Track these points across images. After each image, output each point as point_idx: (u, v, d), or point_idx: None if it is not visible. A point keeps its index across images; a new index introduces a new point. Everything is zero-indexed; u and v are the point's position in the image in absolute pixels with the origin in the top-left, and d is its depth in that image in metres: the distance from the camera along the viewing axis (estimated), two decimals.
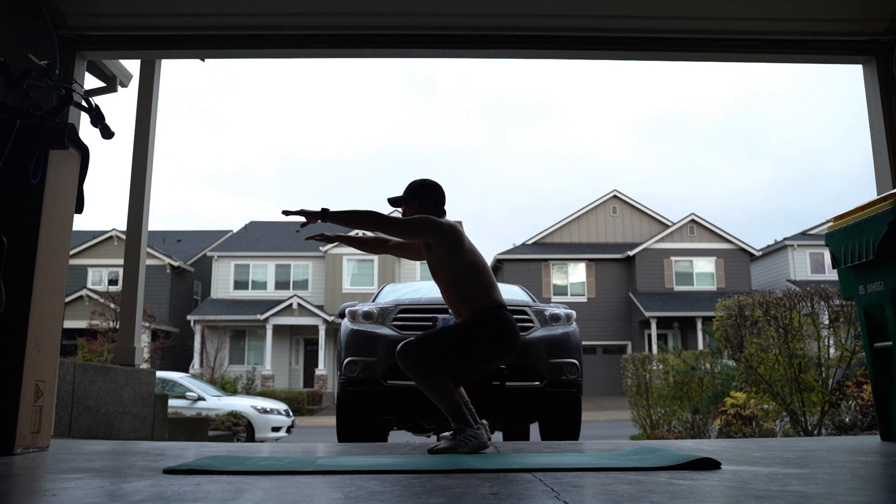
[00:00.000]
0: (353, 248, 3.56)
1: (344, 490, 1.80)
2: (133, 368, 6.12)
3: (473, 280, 3.08)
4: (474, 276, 3.08)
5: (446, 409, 2.96)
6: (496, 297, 3.09)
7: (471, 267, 3.10)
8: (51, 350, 3.14)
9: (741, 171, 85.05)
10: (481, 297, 3.06)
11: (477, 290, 3.07)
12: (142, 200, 6.06)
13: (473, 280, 3.08)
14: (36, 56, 3.38)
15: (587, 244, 30.06)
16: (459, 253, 3.09)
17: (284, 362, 27.95)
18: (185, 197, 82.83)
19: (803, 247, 28.55)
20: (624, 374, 12.03)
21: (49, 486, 1.92)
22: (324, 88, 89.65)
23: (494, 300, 3.08)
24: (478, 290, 3.07)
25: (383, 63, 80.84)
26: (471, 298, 3.06)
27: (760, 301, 7.64)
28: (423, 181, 3.33)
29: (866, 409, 7.33)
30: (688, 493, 1.70)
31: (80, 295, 25.80)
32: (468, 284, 3.07)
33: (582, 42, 4.71)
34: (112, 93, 6.23)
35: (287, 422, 12.98)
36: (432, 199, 3.28)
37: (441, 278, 3.15)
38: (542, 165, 79.85)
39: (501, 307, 3.08)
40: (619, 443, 3.71)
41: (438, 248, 3.10)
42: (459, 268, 3.08)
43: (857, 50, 4.65)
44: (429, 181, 3.33)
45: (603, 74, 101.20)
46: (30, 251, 2.97)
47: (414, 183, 3.33)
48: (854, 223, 3.61)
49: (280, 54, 4.86)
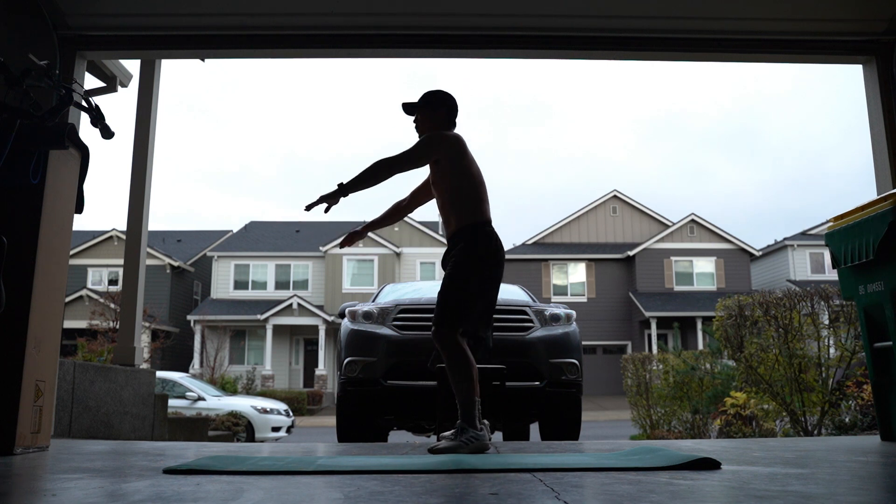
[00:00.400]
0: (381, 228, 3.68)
1: (344, 490, 1.80)
2: (133, 368, 6.12)
3: (469, 192, 3.18)
4: (471, 188, 3.19)
5: (462, 400, 2.97)
6: (485, 212, 3.20)
7: (469, 178, 3.20)
8: (51, 350, 3.14)
9: (741, 171, 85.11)
10: (473, 209, 3.16)
11: (470, 203, 3.17)
12: (142, 200, 6.06)
13: (469, 192, 3.18)
14: (36, 56, 3.38)
15: (587, 244, 30.06)
16: (461, 163, 3.19)
17: (284, 362, 27.95)
18: (186, 197, 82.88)
19: (803, 247, 28.54)
20: (624, 374, 12.03)
21: (49, 486, 1.92)
22: (324, 88, 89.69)
23: (483, 215, 3.18)
24: (471, 203, 3.17)
25: (383, 63, 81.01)
26: (463, 209, 3.16)
27: (760, 301, 7.64)
28: (437, 91, 3.40)
29: (866, 409, 7.33)
30: (688, 493, 1.70)
31: (80, 295, 25.80)
32: (464, 196, 3.17)
33: (582, 42, 4.71)
34: (112, 93, 6.23)
35: (287, 422, 12.98)
36: (445, 107, 3.36)
37: (440, 187, 3.23)
38: (541, 165, 79.89)
39: (487, 223, 3.19)
40: (619, 443, 3.71)
41: (446, 159, 3.19)
42: (459, 177, 3.18)
43: (857, 50, 4.65)
44: (441, 91, 3.40)
45: (603, 74, 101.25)
46: (30, 251, 2.97)
47: (429, 91, 3.40)
48: (854, 223, 3.60)
49: (280, 54, 4.86)
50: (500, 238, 3.21)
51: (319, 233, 30.18)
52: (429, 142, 3.21)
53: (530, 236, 30.43)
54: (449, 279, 3.11)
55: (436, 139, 3.21)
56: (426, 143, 3.21)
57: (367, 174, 3.10)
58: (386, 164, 3.11)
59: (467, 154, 3.22)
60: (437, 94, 3.38)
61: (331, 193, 3.09)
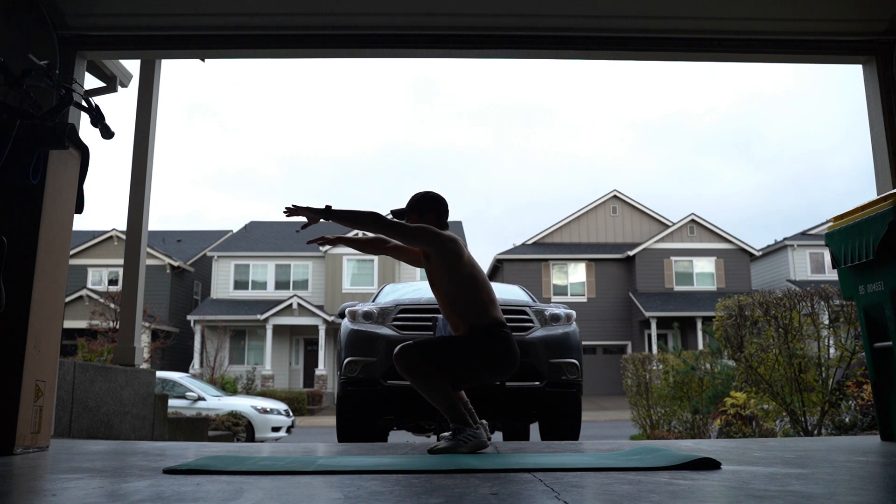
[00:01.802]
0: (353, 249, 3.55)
1: (344, 490, 1.80)
2: (133, 368, 6.12)
3: (471, 295, 3.06)
4: (473, 291, 3.06)
5: (444, 409, 2.96)
6: (495, 315, 3.06)
7: (469, 281, 3.08)
8: (51, 350, 3.14)
9: (741, 171, 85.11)
10: (479, 312, 3.04)
11: (475, 306, 3.05)
12: (142, 200, 6.06)
13: (471, 295, 3.06)
14: (36, 56, 3.38)
15: (587, 244, 30.06)
16: (458, 266, 3.08)
17: (284, 362, 27.95)
18: (186, 198, 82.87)
19: (803, 247, 28.54)
20: (624, 374, 12.02)
21: (49, 486, 1.92)
22: (325, 90, 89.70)
23: (493, 317, 3.05)
24: (476, 306, 3.05)
25: (384, 64, 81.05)
26: (468, 314, 3.04)
27: (760, 301, 7.63)
28: (426, 193, 3.32)
29: (866, 409, 7.32)
30: (688, 493, 1.70)
31: (80, 295, 25.79)
32: (466, 299, 3.06)
33: (582, 42, 4.71)
34: (112, 93, 6.23)
35: (287, 422, 12.98)
36: (434, 211, 3.27)
37: (439, 290, 3.13)
38: (542, 166, 79.92)
39: (500, 324, 3.05)
40: (619, 443, 3.71)
41: (437, 258, 3.09)
42: (457, 281, 3.07)
43: (857, 50, 4.65)
44: (431, 193, 3.32)
45: (603, 75, 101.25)
46: (30, 251, 2.97)
47: (417, 195, 3.33)
48: (854, 223, 3.60)
49: (280, 54, 4.86)
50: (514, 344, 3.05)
51: (319, 233, 30.18)
52: (424, 231, 3.11)
53: (530, 236, 30.42)
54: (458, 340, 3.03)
55: (431, 232, 3.11)
56: (420, 231, 3.11)
57: (356, 216, 3.03)
58: (377, 220, 3.03)
59: (463, 255, 3.10)
60: (426, 196, 3.31)
61: (316, 209, 3.03)
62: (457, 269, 3.07)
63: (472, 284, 3.07)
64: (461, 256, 3.10)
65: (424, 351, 2.94)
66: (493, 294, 3.13)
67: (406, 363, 2.93)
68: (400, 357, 2.94)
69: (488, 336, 3.01)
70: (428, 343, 3.00)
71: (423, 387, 2.94)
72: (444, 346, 3.02)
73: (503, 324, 3.07)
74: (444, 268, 3.08)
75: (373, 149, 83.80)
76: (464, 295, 3.06)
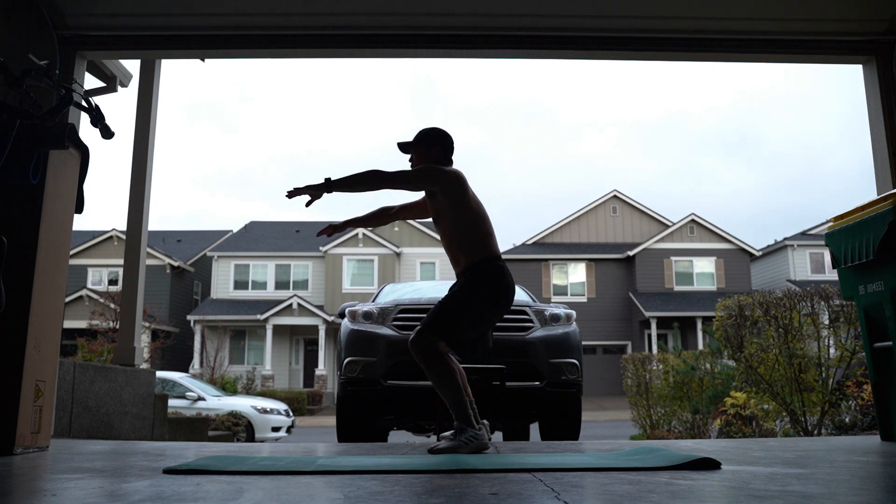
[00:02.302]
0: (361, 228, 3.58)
1: (344, 490, 1.80)
2: (133, 368, 6.12)
3: (474, 229, 3.13)
4: (476, 225, 3.14)
5: (452, 403, 2.97)
6: (494, 248, 3.16)
7: (473, 215, 3.14)
8: (51, 350, 3.14)
9: (741, 171, 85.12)
10: (480, 246, 3.11)
11: (477, 239, 3.12)
12: (142, 200, 6.06)
13: (474, 229, 3.13)
14: (36, 56, 3.38)
15: (587, 244, 30.06)
16: (463, 200, 3.13)
17: (284, 362, 27.95)
18: (186, 198, 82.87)
19: (803, 247, 28.54)
20: (624, 374, 12.02)
21: (49, 486, 1.92)
22: (325, 90, 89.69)
23: (492, 250, 3.14)
24: (478, 239, 3.12)
25: (384, 64, 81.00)
26: (470, 247, 3.11)
27: (760, 301, 7.63)
28: (431, 129, 3.35)
29: (866, 409, 7.32)
30: (688, 493, 1.70)
31: (80, 295, 25.80)
32: (469, 233, 3.12)
33: (582, 42, 4.71)
34: (112, 93, 6.22)
35: (287, 422, 12.98)
36: (439, 145, 3.30)
37: (442, 226, 3.18)
38: (541, 166, 79.89)
39: (497, 258, 3.14)
40: (619, 443, 3.71)
41: (442, 195, 3.13)
42: (462, 215, 3.13)
43: (857, 50, 4.65)
44: (436, 129, 3.35)
45: (603, 75, 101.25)
46: (30, 251, 2.97)
47: (422, 130, 3.35)
48: (854, 223, 3.60)
49: (280, 54, 4.86)
50: (510, 276, 3.14)
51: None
52: (426, 171, 3.15)
53: (530, 236, 30.43)
54: (451, 297, 3.08)
55: (433, 171, 3.15)
56: (423, 171, 3.16)
57: (357, 178, 3.05)
58: (377, 174, 3.07)
59: (468, 191, 3.16)
60: (432, 131, 3.33)
61: (316, 185, 3.05)
62: (461, 204, 3.13)
63: (475, 218, 3.15)
64: (465, 191, 3.16)
65: (432, 327, 2.97)
66: (492, 227, 3.21)
67: (420, 348, 2.96)
68: (414, 343, 2.97)
69: (485, 271, 3.07)
70: (433, 319, 3.01)
71: (436, 377, 2.96)
72: (444, 307, 3.04)
73: (499, 257, 3.16)
74: (449, 204, 3.13)
75: (373, 149, 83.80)
76: (467, 228, 3.13)
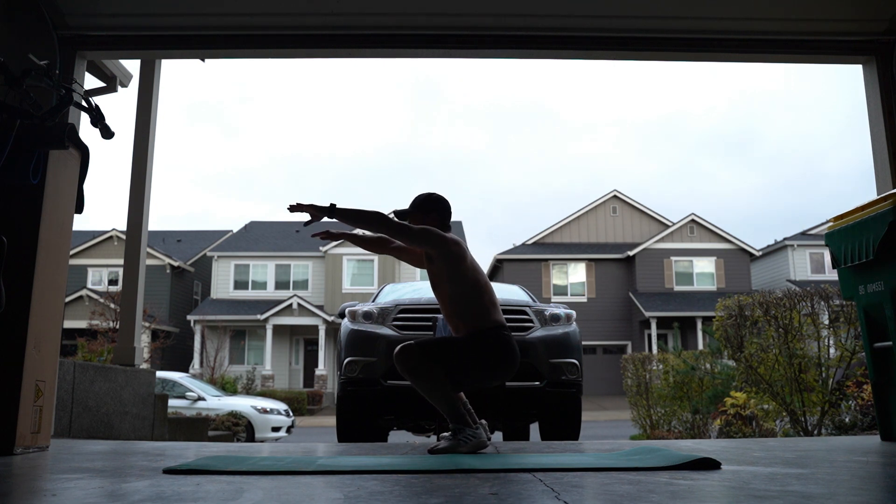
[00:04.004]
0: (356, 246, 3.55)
1: (344, 490, 1.80)
2: (133, 368, 6.12)
3: (473, 298, 3.06)
4: (475, 294, 3.07)
5: (443, 410, 2.97)
6: (496, 318, 3.07)
7: (472, 284, 3.08)
8: (51, 350, 3.14)
9: (741, 171, 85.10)
10: (481, 315, 3.04)
11: (477, 309, 3.05)
12: (142, 200, 6.06)
13: (473, 298, 3.06)
14: (36, 56, 3.38)
15: (587, 244, 30.06)
16: (461, 269, 3.08)
17: (284, 362, 27.95)
18: (186, 198, 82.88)
19: (803, 247, 28.54)
20: (624, 374, 12.02)
21: (49, 486, 1.92)
22: (325, 90, 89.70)
23: (494, 320, 3.06)
24: (477, 309, 3.05)
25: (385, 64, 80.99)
26: (470, 316, 3.05)
27: (760, 301, 7.63)
28: (429, 195, 3.32)
29: (866, 409, 7.32)
30: (688, 493, 1.70)
31: (80, 295, 25.79)
32: (468, 302, 3.06)
33: (582, 42, 4.71)
34: (112, 93, 6.23)
35: (287, 422, 12.98)
36: (436, 212, 3.27)
37: (441, 292, 3.13)
38: (542, 166, 79.91)
39: (500, 327, 3.06)
40: (619, 443, 3.71)
41: (439, 260, 3.09)
42: (460, 284, 3.07)
43: (857, 50, 4.65)
44: (434, 195, 3.32)
45: (603, 75, 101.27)
46: (30, 251, 2.97)
47: (419, 196, 3.33)
48: (854, 223, 3.61)
49: (280, 54, 4.86)
50: (515, 346, 3.05)
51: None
52: (428, 233, 3.10)
53: (530, 236, 30.42)
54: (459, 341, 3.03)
55: (435, 235, 3.10)
56: (425, 232, 3.10)
57: (361, 215, 3.03)
58: (381, 219, 3.04)
59: (466, 259, 3.11)
60: (430, 196, 3.31)
61: (320, 207, 3.03)
62: (459, 272, 3.08)
63: (474, 287, 3.08)
64: (464, 259, 3.11)
65: (425, 351, 2.94)
66: (494, 297, 3.13)
67: (406, 363, 2.93)
68: (401, 356, 2.94)
69: (489, 339, 3.01)
70: (428, 343, 3.00)
71: (423, 387, 2.94)
72: (444, 346, 3.02)
73: (504, 326, 3.08)
74: (446, 270, 3.08)
75: (373, 149, 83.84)
76: (465, 297, 3.06)
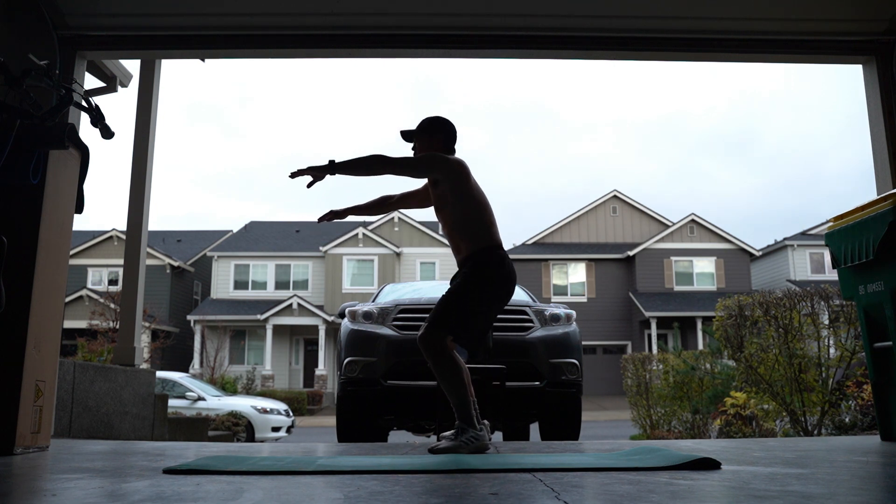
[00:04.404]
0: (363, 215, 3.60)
1: (344, 490, 1.80)
2: (133, 368, 6.12)
3: (477, 217, 3.14)
4: (478, 213, 3.14)
5: (456, 403, 2.97)
6: (495, 237, 3.16)
7: (475, 203, 3.15)
8: (51, 350, 3.14)
9: (741, 171, 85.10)
10: (483, 234, 3.12)
11: (479, 227, 3.13)
12: (142, 200, 6.06)
13: (477, 217, 3.14)
14: (36, 56, 3.37)
15: (587, 244, 30.06)
16: (466, 189, 3.14)
17: (284, 362, 27.95)
18: (186, 198, 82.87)
19: (803, 247, 28.54)
20: (624, 374, 12.02)
21: (49, 486, 1.92)
22: (325, 90, 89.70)
23: (493, 239, 3.14)
24: (480, 228, 3.13)
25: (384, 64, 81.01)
26: (472, 235, 3.11)
27: (760, 301, 7.63)
28: (435, 117, 3.36)
29: (866, 409, 7.32)
30: (688, 493, 1.70)
31: (80, 295, 25.79)
32: (472, 221, 3.13)
33: (582, 42, 4.71)
34: (112, 93, 6.23)
35: (287, 422, 12.98)
36: (443, 134, 3.31)
37: (444, 213, 3.19)
38: (542, 166, 79.89)
39: (498, 246, 3.15)
40: (619, 443, 3.71)
41: (445, 183, 3.14)
42: (464, 203, 3.13)
43: (857, 50, 4.65)
44: (440, 117, 3.36)
45: (603, 75, 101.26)
46: (30, 251, 2.97)
47: (425, 119, 3.36)
48: (854, 223, 3.60)
49: (280, 54, 4.86)
50: (511, 263, 3.16)
51: (319, 233, 30.18)
52: (430, 158, 3.16)
53: (530, 236, 30.42)
54: (454, 290, 3.08)
55: (437, 159, 3.15)
56: (427, 159, 3.17)
57: (360, 161, 3.07)
58: (382, 159, 3.08)
59: (471, 179, 3.17)
60: (434, 119, 3.34)
61: (319, 167, 3.06)
62: (465, 192, 3.14)
63: (478, 207, 3.16)
64: (469, 179, 3.17)
65: (439, 323, 2.97)
66: (494, 217, 3.22)
67: (430, 345, 2.95)
68: (423, 341, 2.96)
69: (488, 263, 3.07)
70: (439, 314, 3.00)
71: (444, 376, 2.96)
72: (448, 301, 3.04)
73: (500, 245, 3.17)
74: (451, 191, 3.14)
75: (373, 149, 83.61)
76: (470, 217, 3.13)
